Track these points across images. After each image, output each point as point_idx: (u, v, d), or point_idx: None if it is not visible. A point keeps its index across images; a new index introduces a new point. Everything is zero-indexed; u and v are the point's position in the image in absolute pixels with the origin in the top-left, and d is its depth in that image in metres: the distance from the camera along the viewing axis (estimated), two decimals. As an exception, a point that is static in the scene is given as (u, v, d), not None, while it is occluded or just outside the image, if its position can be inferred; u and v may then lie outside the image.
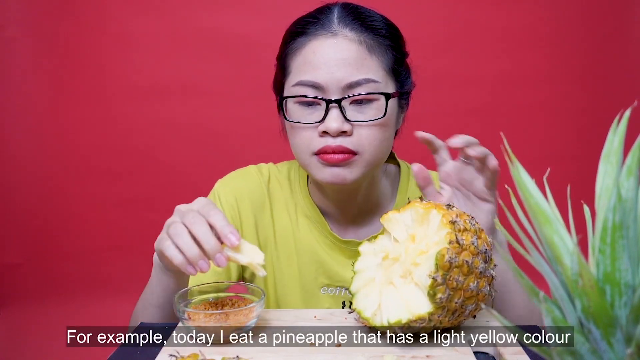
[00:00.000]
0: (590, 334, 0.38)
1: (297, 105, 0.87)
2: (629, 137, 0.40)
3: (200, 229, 0.69)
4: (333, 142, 0.84)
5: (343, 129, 0.84)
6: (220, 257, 0.68)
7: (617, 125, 0.40)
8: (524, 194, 0.41)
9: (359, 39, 0.85)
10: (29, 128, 2.04)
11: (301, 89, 0.85)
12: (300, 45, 0.87)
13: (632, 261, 0.37)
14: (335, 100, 0.84)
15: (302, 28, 0.88)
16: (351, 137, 0.85)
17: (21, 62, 1.99)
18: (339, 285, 0.97)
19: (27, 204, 2.07)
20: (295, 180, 1.02)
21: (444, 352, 0.66)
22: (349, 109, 0.85)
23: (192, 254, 0.68)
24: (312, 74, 0.84)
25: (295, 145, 0.89)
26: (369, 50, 0.85)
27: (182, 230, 0.69)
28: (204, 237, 0.68)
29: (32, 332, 1.99)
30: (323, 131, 0.84)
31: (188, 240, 0.69)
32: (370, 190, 0.96)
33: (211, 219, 0.70)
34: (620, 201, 0.36)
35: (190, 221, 0.70)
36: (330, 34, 0.85)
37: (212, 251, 0.68)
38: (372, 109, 0.85)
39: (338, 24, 0.86)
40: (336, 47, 0.84)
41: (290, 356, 0.66)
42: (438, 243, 0.66)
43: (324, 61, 0.84)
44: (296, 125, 0.87)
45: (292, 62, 0.88)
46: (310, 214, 0.99)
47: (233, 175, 1.04)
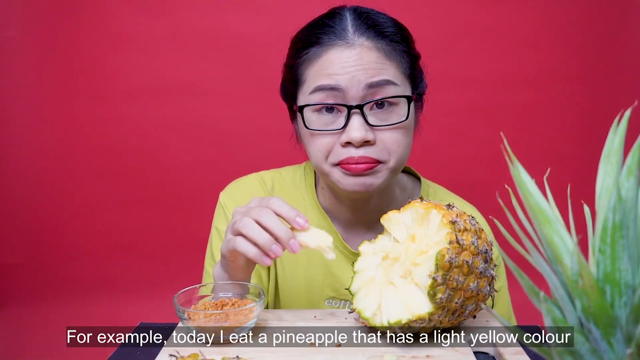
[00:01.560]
0: (590, 334, 0.38)
1: (316, 114, 0.84)
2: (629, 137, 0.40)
3: (269, 219, 0.70)
4: (356, 153, 0.82)
5: (367, 137, 0.81)
6: (294, 242, 0.69)
7: (617, 125, 0.40)
8: (524, 194, 0.41)
9: (376, 47, 0.83)
10: (29, 128, 2.04)
11: (320, 95, 0.83)
12: (315, 55, 0.84)
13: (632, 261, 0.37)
14: (357, 106, 0.81)
15: (315, 38, 0.85)
16: (374, 146, 0.83)
17: (21, 62, 1.99)
18: (344, 299, 0.96)
19: (27, 204, 2.07)
20: (301, 186, 1.00)
21: (444, 352, 0.66)
22: (370, 115, 0.83)
23: (265, 240, 0.69)
24: (332, 78, 0.82)
25: (315, 156, 0.87)
26: (387, 56, 0.83)
27: (250, 222, 0.70)
28: (275, 225, 0.69)
29: (32, 332, 1.99)
30: (346, 142, 0.82)
31: (258, 229, 0.70)
32: (383, 197, 0.95)
33: (275, 207, 0.71)
34: (620, 201, 0.36)
35: (256, 214, 0.71)
36: (347, 45, 0.83)
37: (285, 237, 0.69)
38: (394, 114, 0.83)
39: (354, 33, 0.83)
40: (355, 56, 0.82)
41: (290, 356, 0.66)
42: (438, 243, 0.66)
43: (342, 68, 0.82)
44: (316, 133, 0.85)
45: (306, 71, 0.86)
46: (320, 223, 0.97)
47: (235, 185, 1.02)
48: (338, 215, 0.97)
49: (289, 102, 0.93)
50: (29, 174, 2.05)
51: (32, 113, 2.03)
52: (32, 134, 2.04)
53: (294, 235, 0.70)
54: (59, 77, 2.00)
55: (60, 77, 2.00)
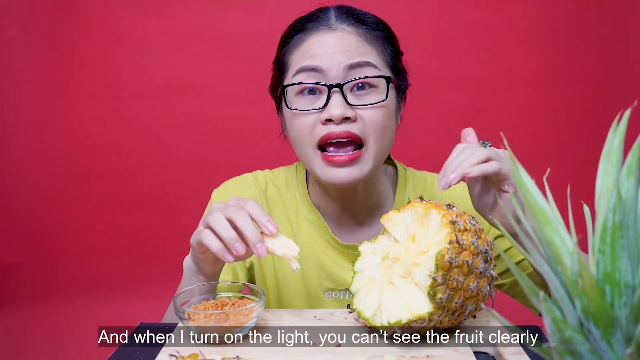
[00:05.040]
0: (590, 334, 0.38)
1: (298, 96, 0.87)
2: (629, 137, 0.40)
3: (242, 219, 0.71)
4: (337, 128, 0.84)
5: (346, 114, 0.83)
6: (261, 246, 0.70)
7: (617, 125, 0.40)
8: (524, 194, 0.41)
9: (357, 32, 0.87)
10: (29, 128, 2.04)
11: (302, 76, 0.86)
12: (299, 41, 0.88)
13: (632, 261, 0.37)
14: (337, 85, 0.84)
15: (300, 26, 0.89)
16: (355, 123, 0.85)
17: (21, 62, 1.99)
18: (343, 289, 0.97)
19: (27, 203, 2.07)
20: (293, 184, 1.01)
21: (444, 352, 0.66)
22: (350, 95, 0.85)
23: (229, 237, 0.70)
24: (314, 59, 0.85)
25: (298, 138, 0.89)
26: (368, 42, 0.87)
27: (220, 217, 0.71)
28: (246, 226, 0.70)
29: (32, 332, 1.99)
30: (326, 119, 0.84)
31: (226, 225, 0.71)
32: (371, 187, 0.96)
33: (249, 209, 0.72)
34: (620, 201, 0.36)
35: (231, 212, 0.71)
36: (329, 29, 0.87)
37: (254, 239, 0.70)
38: (373, 94, 0.86)
39: (336, 20, 0.88)
40: (336, 38, 0.86)
41: (290, 356, 0.66)
42: (438, 243, 0.66)
43: (324, 49, 0.85)
44: (298, 113, 0.87)
45: (290, 57, 0.89)
46: (311, 218, 0.98)
47: (229, 184, 1.04)
48: (328, 209, 0.98)
49: (274, 93, 0.95)
50: (29, 174, 2.05)
51: (32, 113, 2.03)
52: (32, 133, 2.04)
53: (262, 239, 0.71)
54: (59, 77, 2.00)
55: (60, 77, 2.00)
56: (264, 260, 0.98)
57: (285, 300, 0.98)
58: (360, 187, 0.94)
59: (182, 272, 0.83)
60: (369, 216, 0.98)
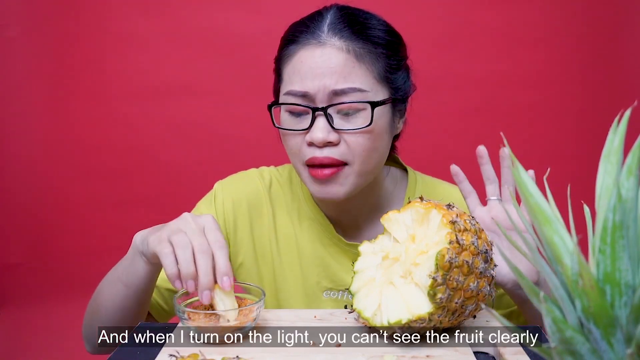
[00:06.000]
0: (590, 334, 0.38)
1: (287, 114, 0.88)
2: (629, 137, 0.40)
3: (205, 261, 0.68)
4: (320, 153, 0.84)
5: (328, 139, 0.83)
6: (208, 294, 0.68)
7: (617, 125, 0.40)
8: (524, 194, 0.41)
9: (347, 48, 0.84)
10: (29, 128, 2.04)
11: (290, 98, 0.86)
12: (291, 52, 0.87)
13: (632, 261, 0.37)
14: (321, 108, 0.83)
15: (293, 36, 0.88)
16: (338, 147, 0.85)
17: (21, 62, 1.99)
18: (342, 290, 0.97)
19: (27, 203, 2.07)
20: (297, 182, 1.01)
21: (444, 352, 0.66)
22: (336, 118, 0.85)
23: (188, 272, 0.68)
24: (300, 83, 0.85)
25: (289, 154, 0.91)
26: (357, 58, 0.84)
27: (188, 246, 0.69)
28: (205, 270, 0.68)
29: (32, 332, 1.99)
30: (309, 142, 0.85)
31: (190, 259, 0.68)
32: (369, 193, 0.95)
33: (216, 254, 0.70)
34: (620, 201, 0.36)
35: (198, 247, 0.69)
36: (319, 44, 0.85)
37: (206, 285, 0.68)
38: (360, 118, 0.85)
39: (327, 33, 0.85)
40: (323, 56, 0.84)
41: (290, 356, 0.66)
42: (438, 243, 0.66)
43: (311, 70, 0.84)
44: (285, 132, 0.88)
45: (284, 69, 0.89)
46: (314, 216, 0.98)
47: (233, 178, 1.04)
48: (327, 209, 0.98)
49: (276, 96, 0.95)
50: (29, 173, 2.05)
51: (32, 113, 2.03)
52: (32, 133, 2.04)
53: (213, 287, 0.68)
54: (59, 77, 2.00)
55: (60, 77, 2.00)
56: (261, 258, 0.98)
57: (282, 298, 0.98)
58: (354, 199, 0.92)
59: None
60: (371, 219, 0.98)
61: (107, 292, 0.85)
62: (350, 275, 0.76)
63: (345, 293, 0.96)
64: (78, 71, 1.99)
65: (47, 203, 2.06)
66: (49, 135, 2.03)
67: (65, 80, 2.00)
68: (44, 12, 1.95)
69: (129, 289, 0.82)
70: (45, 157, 2.04)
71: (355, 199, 0.94)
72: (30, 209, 2.07)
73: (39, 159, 2.05)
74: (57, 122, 2.02)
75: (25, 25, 1.96)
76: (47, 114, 2.02)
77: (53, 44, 1.98)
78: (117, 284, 0.84)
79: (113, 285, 0.85)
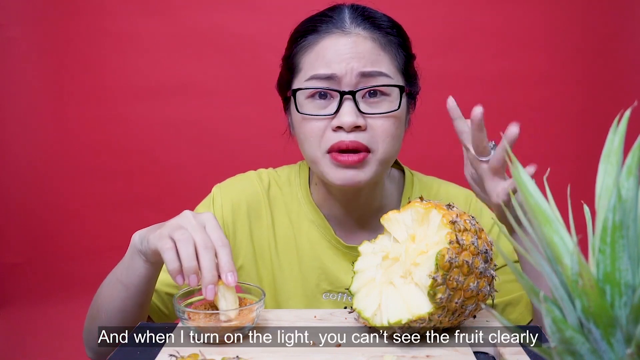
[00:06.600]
0: (590, 334, 0.38)
1: (309, 100, 0.87)
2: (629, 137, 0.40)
3: (208, 257, 0.68)
4: (347, 137, 0.84)
5: (357, 123, 0.83)
6: (212, 289, 0.67)
7: (617, 125, 0.40)
8: (524, 194, 0.41)
9: (372, 37, 0.86)
10: (29, 128, 2.04)
11: (315, 82, 0.85)
12: (312, 42, 0.87)
13: (632, 261, 0.37)
14: (349, 92, 0.83)
15: (313, 26, 0.88)
16: (365, 132, 0.85)
17: (21, 62, 1.99)
18: (341, 292, 0.96)
19: (27, 204, 2.07)
20: (296, 184, 1.01)
21: (444, 352, 0.66)
22: (362, 103, 0.85)
23: (190, 266, 0.68)
24: (326, 67, 0.84)
25: (306, 142, 0.88)
26: (382, 47, 0.86)
27: (190, 241, 0.69)
28: (209, 265, 0.68)
29: (32, 332, 1.99)
30: (337, 126, 0.84)
31: (192, 254, 0.68)
32: (374, 191, 0.96)
33: (219, 251, 0.70)
34: (620, 201, 0.36)
35: (200, 242, 0.69)
36: (344, 32, 0.86)
37: (209, 280, 0.67)
38: (386, 102, 0.86)
39: (351, 23, 0.87)
40: (349, 44, 0.85)
41: (290, 356, 0.66)
42: (438, 243, 0.66)
43: (337, 55, 0.84)
44: (308, 118, 0.86)
45: (303, 59, 0.88)
46: (313, 218, 0.98)
47: (232, 181, 1.03)
48: (330, 210, 0.98)
49: (283, 92, 0.94)
50: (29, 173, 2.05)
51: (32, 113, 2.03)
52: (32, 133, 2.04)
53: (216, 282, 0.68)
54: (59, 77, 2.00)
55: (60, 77, 2.00)
56: (260, 260, 0.98)
57: (282, 300, 0.98)
58: (364, 190, 0.93)
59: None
60: (372, 219, 0.98)
61: (107, 294, 0.85)
62: (349, 277, 0.76)
63: (344, 295, 0.96)
64: (78, 71, 1.99)
65: (47, 203, 2.06)
66: (49, 135, 2.03)
67: (65, 80, 2.00)
68: (44, 12, 1.96)
69: (128, 289, 0.82)
70: (46, 156, 2.04)
71: (362, 197, 0.94)
72: (30, 209, 2.07)
73: (39, 158, 2.05)
74: (56, 122, 2.02)
75: (25, 25, 1.96)
76: (47, 114, 2.02)
77: (53, 44, 1.98)
78: (116, 285, 0.83)
79: (112, 287, 0.84)
